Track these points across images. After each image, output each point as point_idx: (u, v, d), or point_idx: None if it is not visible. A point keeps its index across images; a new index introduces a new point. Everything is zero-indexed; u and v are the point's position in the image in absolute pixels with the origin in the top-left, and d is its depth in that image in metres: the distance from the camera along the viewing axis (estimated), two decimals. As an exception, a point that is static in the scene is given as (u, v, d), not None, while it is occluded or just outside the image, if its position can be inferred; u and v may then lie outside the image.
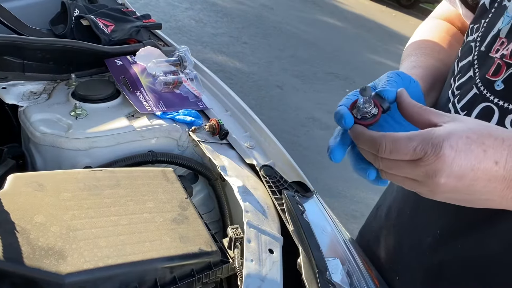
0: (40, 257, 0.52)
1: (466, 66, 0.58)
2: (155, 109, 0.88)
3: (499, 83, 0.52)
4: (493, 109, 0.52)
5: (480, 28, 0.56)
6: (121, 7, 1.14)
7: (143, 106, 0.88)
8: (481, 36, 0.56)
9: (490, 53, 0.54)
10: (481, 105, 0.53)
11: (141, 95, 0.90)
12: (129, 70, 0.94)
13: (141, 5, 4.18)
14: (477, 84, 0.54)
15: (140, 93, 0.91)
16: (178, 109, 0.91)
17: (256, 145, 0.90)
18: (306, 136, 3.14)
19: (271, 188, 0.79)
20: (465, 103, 0.56)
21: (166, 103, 0.91)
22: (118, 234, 0.59)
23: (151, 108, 0.88)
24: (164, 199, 0.69)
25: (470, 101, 0.55)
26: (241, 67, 3.81)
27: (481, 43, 0.55)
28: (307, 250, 0.67)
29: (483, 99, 0.53)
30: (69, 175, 0.66)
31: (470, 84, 0.56)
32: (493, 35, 0.54)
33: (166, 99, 0.92)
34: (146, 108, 0.87)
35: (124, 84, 0.91)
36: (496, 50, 0.53)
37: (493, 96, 0.52)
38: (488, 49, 0.54)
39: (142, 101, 0.89)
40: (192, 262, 0.61)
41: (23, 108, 0.82)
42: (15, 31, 0.90)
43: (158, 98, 0.91)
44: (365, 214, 2.85)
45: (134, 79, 0.92)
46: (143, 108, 0.87)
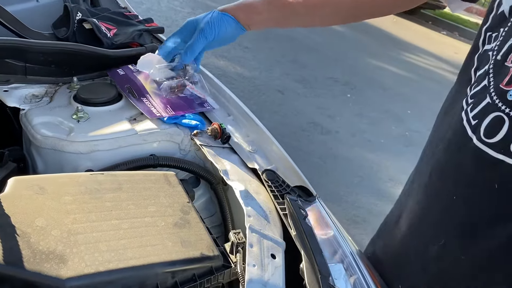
0: (41, 261, 0.51)
1: (482, 75, 0.57)
2: (164, 113, 0.87)
3: (511, 93, 0.51)
4: (504, 118, 0.51)
5: (499, 37, 0.55)
6: (123, 11, 1.14)
7: (151, 111, 0.87)
8: (498, 45, 0.55)
9: (505, 63, 0.53)
10: (492, 114, 0.53)
11: (148, 102, 0.90)
12: (132, 79, 0.94)
13: (143, 10, 4.20)
14: (490, 93, 0.54)
15: (146, 99, 0.90)
16: (186, 111, 0.90)
17: (258, 150, 0.89)
18: (307, 141, 3.13)
19: (273, 192, 0.79)
20: (477, 112, 0.55)
21: (173, 106, 0.90)
22: (120, 238, 0.59)
23: (159, 113, 0.87)
24: (166, 203, 0.68)
25: (482, 110, 0.54)
26: (242, 71, 3.81)
27: (498, 52, 0.54)
28: (309, 255, 0.66)
29: (495, 108, 0.53)
30: (70, 179, 0.66)
31: (484, 94, 0.55)
32: (510, 44, 0.53)
33: (173, 103, 0.91)
34: (155, 114, 0.87)
35: (130, 92, 0.91)
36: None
37: (505, 106, 0.52)
38: (504, 58, 0.53)
39: (150, 107, 0.88)
40: (193, 266, 0.61)
41: (24, 111, 0.82)
42: (17, 34, 0.90)
43: (165, 103, 0.90)
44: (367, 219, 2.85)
45: (139, 87, 0.92)
46: (152, 114, 0.87)
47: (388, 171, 3.13)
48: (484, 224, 0.55)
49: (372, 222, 2.50)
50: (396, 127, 3.81)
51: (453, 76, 4.85)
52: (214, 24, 0.85)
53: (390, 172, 3.12)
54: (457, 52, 6.68)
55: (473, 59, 0.61)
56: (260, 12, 0.88)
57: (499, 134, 0.52)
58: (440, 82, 5.21)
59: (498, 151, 0.52)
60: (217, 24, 0.85)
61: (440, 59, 6.24)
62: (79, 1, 1.07)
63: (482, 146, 0.54)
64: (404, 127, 3.85)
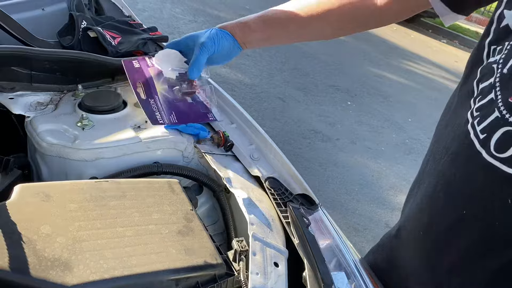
0: (46, 268, 0.52)
1: (487, 88, 0.56)
2: (166, 121, 0.86)
3: None
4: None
5: (503, 50, 0.55)
6: (128, 20, 1.15)
7: (155, 117, 0.86)
8: (504, 58, 0.55)
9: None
10: (502, 129, 0.52)
11: (155, 104, 0.87)
12: (145, 74, 0.91)
13: (144, 17, 4.23)
14: (499, 107, 0.53)
15: (154, 101, 0.88)
16: (189, 121, 0.90)
17: (261, 157, 0.90)
18: (308, 148, 3.14)
19: (276, 200, 0.79)
20: (485, 126, 0.55)
21: (178, 115, 0.89)
22: (124, 246, 0.59)
23: (162, 120, 0.86)
24: (170, 211, 0.69)
25: (491, 124, 0.54)
26: (243, 79, 3.83)
27: (504, 66, 0.54)
28: (312, 264, 0.67)
29: (505, 123, 0.52)
30: (75, 186, 0.66)
31: (492, 107, 0.54)
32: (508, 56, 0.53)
33: (179, 111, 0.89)
34: (158, 120, 0.85)
35: (139, 90, 0.88)
36: None
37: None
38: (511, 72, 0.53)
39: (155, 111, 0.87)
40: (197, 274, 0.61)
41: (30, 118, 0.83)
42: (23, 42, 0.91)
43: (171, 109, 0.88)
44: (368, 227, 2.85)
45: (149, 85, 0.89)
46: (156, 121, 0.85)
47: (388, 179, 3.13)
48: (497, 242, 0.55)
49: (373, 230, 2.50)
50: (396, 135, 3.82)
51: (453, 84, 4.87)
52: (214, 39, 0.87)
53: (390, 180, 3.12)
54: (457, 61, 6.70)
55: (475, 71, 0.60)
56: (254, 30, 0.89)
57: (511, 149, 0.51)
58: (440, 91, 5.22)
59: (511, 166, 0.51)
60: (217, 39, 0.87)
61: (441, 67, 6.26)
62: (84, 10, 1.09)
63: (493, 160, 0.53)
64: (404, 135, 3.86)
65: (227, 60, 0.92)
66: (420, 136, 3.82)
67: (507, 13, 0.56)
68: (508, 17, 0.55)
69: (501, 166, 0.52)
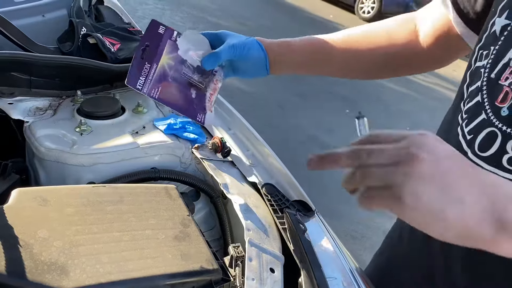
0: (43, 272, 0.52)
1: (474, 91, 0.59)
2: (144, 91, 0.75)
3: (505, 109, 0.54)
4: (497, 134, 0.54)
5: (489, 55, 0.58)
6: (127, 26, 1.16)
7: (135, 79, 0.75)
8: (491, 63, 0.57)
9: (499, 81, 0.55)
10: (487, 129, 0.55)
11: (146, 70, 0.76)
12: (161, 41, 0.79)
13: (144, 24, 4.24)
14: (486, 110, 0.56)
15: (148, 67, 0.77)
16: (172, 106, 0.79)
17: (258, 164, 0.91)
18: (306, 156, 3.14)
19: (273, 206, 0.80)
20: (473, 127, 0.58)
21: (163, 93, 0.77)
22: (121, 250, 0.60)
23: (140, 87, 0.75)
24: (166, 216, 0.69)
25: (478, 126, 0.57)
26: (242, 86, 3.84)
27: (491, 70, 0.57)
28: (308, 270, 0.67)
29: (489, 124, 0.55)
30: (73, 191, 0.67)
31: (479, 110, 0.57)
32: (503, 64, 0.55)
33: (167, 90, 0.77)
34: (136, 84, 0.75)
35: (141, 51, 0.77)
36: (506, 78, 0.55)
37: (498, 122, 0.54)
38: (498, 77, 0.56)
39: (141, 75, 0.76)
40: (193, 279, 0.61)
41: (28, 123, 0.83)
42: (23, 48, 0.91)
43: (160, 83, 0.77)
44: (366, 235, 2.84)
45: (156, 52, 0.78)
46: (132, 82, 0.75)
47: (386, 186, 3.13)
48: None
49: (371, 237, 2.50)
50: (395, 143, 3.82)
51: (451, 93, 4.89)
52: (245, 44, 0.78)
53: (388, 188, 3.12)
54: (455, 70, 6.73)
55: (466, 76, 0.63)
56: (294, 50, 0.81)
57: (492, 148, 0.54)
58: (439, 100, 5.25)
59: (491, 164, 0.54)
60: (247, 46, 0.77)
61: (439, 76, 6.29)
62: (84, 17, 1.10)
63: (476, 159, 0.56)
64: (403, 143, 3.86)
65: (250, 75, 0.82)
66: (418, 144, 3.82)
67: (497, 21, 0.58)
68: (497, 23, 0.58)
69: (483, 164, 0.55)
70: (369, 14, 8.40)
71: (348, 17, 8.40)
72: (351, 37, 0.83)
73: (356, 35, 0.83)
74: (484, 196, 0.39)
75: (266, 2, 7.16)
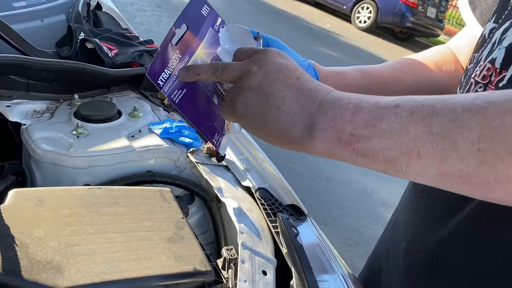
0: (38, 271, 0.53)
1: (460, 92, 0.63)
2: (166, 88, 0.56)
3: None
4: None
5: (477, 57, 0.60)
6: (125, 32, 1.18)
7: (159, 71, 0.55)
8: (474, 63, 0.60)
9: (471, 75, 0.59)
10: None
11: (174, 62, 0.56)
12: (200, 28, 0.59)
13: (142, 31, 4.27)
14: None
15: (176, 58, 0.56)
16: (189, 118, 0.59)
17: (252, 168, 0.92)
18: (301, 163, 3.16)
19: (266, 210, 0.81)
20: None
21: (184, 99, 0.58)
22: (115, 251, 0.60)
23: (162, 83, 0.55)
24: (161, 218, 0.70)
25: None
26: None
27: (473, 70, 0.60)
28: (300, 273, 0.68)
29: None
30: (69, 192, 0.68)
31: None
32: (477, 60, 0.59)
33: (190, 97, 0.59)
34: (158, 77, 0.55)
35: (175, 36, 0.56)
36: (476, 73, 0.58)
37: None
38: (472, 72, 0.59)
39: (166, 68, 0.56)
40: (186, 281, 0.62)
41: (26, 126, 0.84)
42: (21, 52, 0.93)
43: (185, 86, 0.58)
44: (360, 242, 2.85)
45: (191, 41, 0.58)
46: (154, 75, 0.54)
47: (381, 195, 3.15)
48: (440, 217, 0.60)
49: (365, 245, 2.51)
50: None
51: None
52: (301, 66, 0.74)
53: (383, 196, 3.14)
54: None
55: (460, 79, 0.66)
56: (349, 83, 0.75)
57: None
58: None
59: None
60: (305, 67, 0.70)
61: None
62: (82, 22, 1.11)
63: None
64: (397, 151, 3.89)
65: None
66: (413, 153, 3.85)
67: (488, 24, 0.60)
68: (487, 28, 0.60)
69: None
70: (365, 23, 8.49)
71: (345, 26, 8.48)
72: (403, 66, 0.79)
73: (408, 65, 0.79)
74: (297, 104, 0.44)
75: (264, 11, 7.22)
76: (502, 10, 0.58)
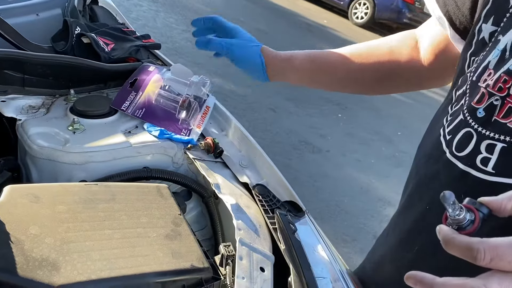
0: (34, 268, 0.52)
1: (461, 95, 0.61)
2: (129, 111, 0.91)
3: (480, 111, 0.55)
4: (473, 134, 0.56)
5: (478, 60, 0.60)
6: (121, 27, 1.17)
7: (121, 103, 0.91)
8: (475, 67, 0.59)
9: (479, 83, 0.57)
10: (463, 130, 0.57)
11: (133, 97, 0.93)
12: (149, 75, 0.98)
13: (138, 26, 4.25)
14: (463, 111, 0.58)
15: (134, 94, 0.94)
16: (157, 124, 0.91)
17: (250, 165, 0.91)
18: (298, 159, 3.16)
19: (264, 207, 0.80)
20: (452, 128, 0.60)
21: (148, 113, 0.92)
22: (112, 248, 0.60)
23: (125, 108, 0.91)
24: (158, 215, 0.69)
25: (456, 126, 0.59)
26: (236, 89, 3.85)
27: (474, 74, 0.59)
28: (298, 269, 0.68)
29: (466, 124, 0.57)
30: (65, 188, 0.67)
31: (459, 111, 0.59)
32: (483, 66, 0.57)
33: (151, 112, 0.93)
34: (121, 106, 0.91)
35: (130, 82, 0.95)
36: (484, 80, 0.56)
37: (474, 122, 0.56)
38: (478, 79, 0.58)
39: (125, 100, 0.92)
40: (183, 278, 0.62)
41: (21, 121, 0.83)
42: (17, 46, 0.91)
43: (143, 107, 0.93)
44: (356, 238, 2.85)
45: (144, 82, 0.96)
46: (118, 104, 0.91)
47: (377, 191, 3.16)
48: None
49: (361, 241, 2.52)
50: (386, 148, 3.86)
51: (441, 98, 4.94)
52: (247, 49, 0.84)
53: (379, 192, 3.14)
54: (446, 76, 6.81)
55: (457, 81, 0.65)
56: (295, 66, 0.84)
57: (467, 148, 0.56)
58: (429, 105, 5.30)
59: (466, 164, 0.56)
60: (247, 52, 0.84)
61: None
62: (78, 16, 1.10)
63: (453, 159, 0.58)
64: (394, 148, 3.90)
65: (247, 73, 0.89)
66: (409, 149, 3.86)
67: (484, 27, 0.59)
68: (484, 30, 0.59)
69: (458, 163, 0.57)
70: (362, 19, 8.47)
71: (342, 22, 8.46)
72: (354, 53, 0.84)
73: (359, 51, 0.84)
74: None
75: (260, 7, 7.19)
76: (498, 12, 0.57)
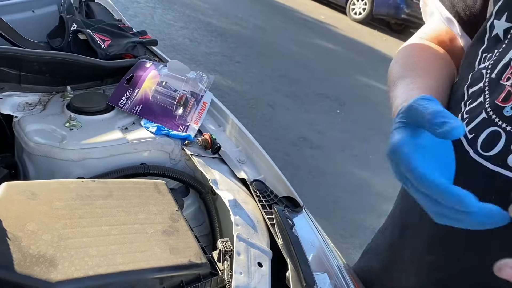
0: (31, 264, 0.52)
1: (477, 92, 0.59)
2: (125, 107, 0.91)
3: (508, 109, 0.54)
4: (501, 133, 0.54)
5: (492, 57, 0.58)
6: (118, 23, 1.16)
7: (117, 100, 0.91)
8: (492, 64, 0.58)
9: (501, 80, 0.56)
10: (489, 129, 0.55)
11: (129, 93, 0.93)
12: (145, 72, 0.98)
13: (136, 23, 4.23)
14: (486, 109, 0.56)
15: (130, 91, 0.94)
16: (154, 120, 0.91)
17: (248, 160, 0.91)
18: (297, 156, 3.16)
19: (262, 202, 0.80)
20: (473, 127, 0.58)
21: (143, 110, 0.92)
22: (109, 244, 0.60)
23: (122, 105, 0.91)
24: (155, 211, 0.69)
25: (478, 125, 0.57)
26: (234, 85, 3.85)
27: (492, 71, 0.57)
28: (295, 264, 0.68)
29: (491, 123, 0.55)
30: (62, 185, 0.67)
31: (480, 109, 0.57)
32: (504, 64, 0.56)
33: (148, 108, 0.93)
34: (117, 102, 0.91)
35: (126, 79, 0.95)
36: (507, 78, 0.55)
37: (502, 121, 0.54)
38: (499, 76, 0.56)
39: (122, 96, 0.92)
40: (181, 273, 0.62)
41: (18, 118, 0.83)
42: (13, 43, 0.91)
43: (139, 103, 0.93)
44: (354, 234, 2.86)
45: (139, 79, 0.96)
46: (115, 100, 0.91)
47: (376, 186, 3.16)
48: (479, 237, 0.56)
49: (360, 236, 2.52)
50: (384, 143, 3.85)
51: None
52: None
53: (377, 188, 3.15)
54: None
55: (467, 77, 0.63)
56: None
57: (496, 148, 0.54)
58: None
59: (496, 164, 0.54)
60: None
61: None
62: (74, 13, 1.09)
63: (479, 158, 0.56)
64: (392, 143, 3.89)
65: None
66: (408, 144, 3.86)
67: (496, 23, 0.59)
68: (497, 26, 0.59)
69: (486, 163, 0.55)
70: (360, 15, 8.45)
71: (340, 18, 8.45)
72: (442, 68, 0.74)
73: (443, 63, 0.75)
74: None
75: (258, 2, 7.17)
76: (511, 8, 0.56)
